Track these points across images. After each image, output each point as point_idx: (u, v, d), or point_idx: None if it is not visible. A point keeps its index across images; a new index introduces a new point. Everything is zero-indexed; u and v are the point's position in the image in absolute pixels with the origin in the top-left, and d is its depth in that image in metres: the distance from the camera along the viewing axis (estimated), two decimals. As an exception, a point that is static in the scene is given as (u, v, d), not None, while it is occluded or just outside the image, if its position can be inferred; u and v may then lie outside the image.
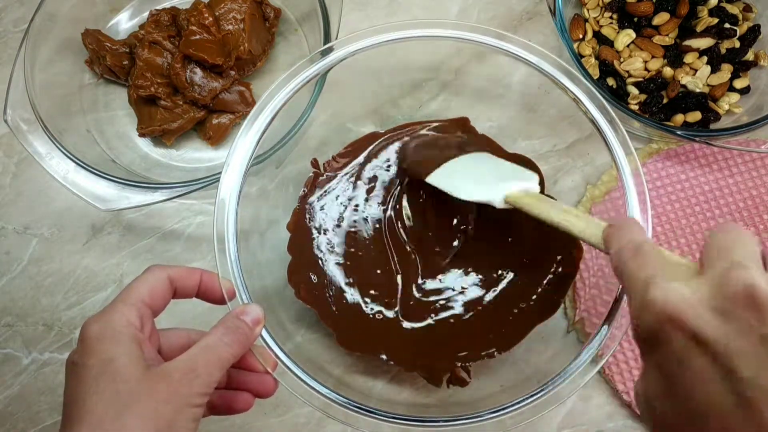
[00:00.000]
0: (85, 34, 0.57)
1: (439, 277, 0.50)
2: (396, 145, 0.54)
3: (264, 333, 0.40)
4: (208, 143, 0.58)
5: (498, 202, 0.44)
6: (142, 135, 0.57)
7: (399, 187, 0.52)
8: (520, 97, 0.54)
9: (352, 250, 0.51)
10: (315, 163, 0.53)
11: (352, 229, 0.52)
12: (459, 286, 0.50)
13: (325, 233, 0.51)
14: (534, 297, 0.49)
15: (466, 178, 0.47)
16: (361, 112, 0.56)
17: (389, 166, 0.53)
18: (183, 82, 0.55)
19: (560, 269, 0.50)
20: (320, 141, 0.55)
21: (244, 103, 0.58)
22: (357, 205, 0.52)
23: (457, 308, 0.49)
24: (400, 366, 0.49)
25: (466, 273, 0.50)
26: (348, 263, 0.51)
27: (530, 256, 0.50)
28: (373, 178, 0.53)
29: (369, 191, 0.53)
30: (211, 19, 0.55)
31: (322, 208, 0.52)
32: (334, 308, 0.49)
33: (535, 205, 0.42)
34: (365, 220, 0.52)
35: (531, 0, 0.61)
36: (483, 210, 0.51)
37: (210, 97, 0.56)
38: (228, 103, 0.57)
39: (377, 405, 0.41)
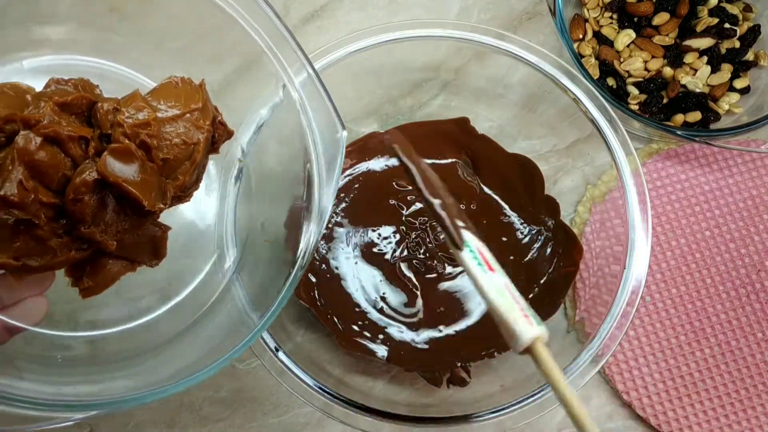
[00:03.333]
0: None
1: (440, 274, 0.50)
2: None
3: (264, 333, 0.40)
4: (80, 294, 0.38)
5: (521, 342, 0.31)
6: None
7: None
8: (520, 97, 0.54)
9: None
10: (315, 163, 0.53)
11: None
12: (459, 286, 0.50)
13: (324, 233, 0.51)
14: (533, 297, 0.49)
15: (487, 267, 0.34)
16: (361, 112, 0.56)
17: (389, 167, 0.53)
18: (86, 215, 0.34)
19: (560, 269, 0.50)
20: (320, 141, 0.55)
21: (153, 255, 0.40)
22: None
23: (458, 307, 0.49)
24: (400, 366, 0.49)
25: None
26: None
27: (529, 255, 0.50)
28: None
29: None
30: (157, 135, 0.36)
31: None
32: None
33: (556, 377, 0.31)
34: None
35: (531, 0, 0.61)
36: (480, 202, 0.51)
37: (114, 238, 0.36)
38: (130, 249, 0.38)
39: (377, 405, 0.41)
